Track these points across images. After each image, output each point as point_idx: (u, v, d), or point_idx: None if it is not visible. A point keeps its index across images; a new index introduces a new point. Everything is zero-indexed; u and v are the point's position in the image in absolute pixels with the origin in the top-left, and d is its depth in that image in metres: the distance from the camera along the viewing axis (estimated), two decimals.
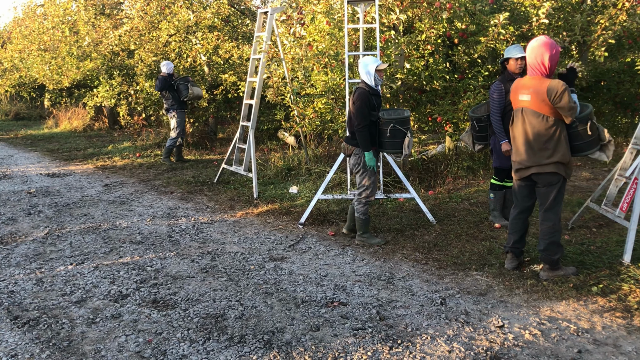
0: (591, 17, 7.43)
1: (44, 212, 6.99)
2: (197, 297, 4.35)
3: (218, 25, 12.02)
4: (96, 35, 13.52)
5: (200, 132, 13.09)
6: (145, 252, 5.46)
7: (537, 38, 4.34)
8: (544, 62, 4.28)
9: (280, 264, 5.09)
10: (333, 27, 7.41)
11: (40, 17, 16.05)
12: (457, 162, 8.60)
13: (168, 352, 3.52)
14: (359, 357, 3.41)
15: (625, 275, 4.45)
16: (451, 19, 7.37)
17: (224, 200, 7.56)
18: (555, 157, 4.31)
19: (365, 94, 5.30)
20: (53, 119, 17.69)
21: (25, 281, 4.71)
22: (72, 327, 3.86)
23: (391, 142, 5.45)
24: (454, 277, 4.69)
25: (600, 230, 5.72)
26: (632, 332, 3.66)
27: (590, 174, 8.32)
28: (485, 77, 7.85)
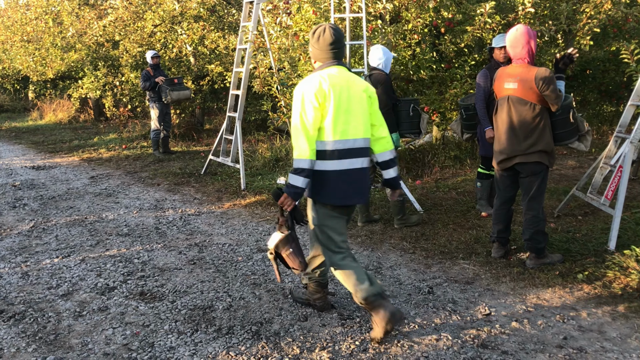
0: (577, 6, 7.44)
1: (29, 205, 6.92)
2: (184, 288, 4.33)
3: (204, 15, 11.92)
4: (80, 25, 13.35)
5: (186, 123, 13.01)
6: (132, 244, 5.43)
7: (516, 27, 4.34)
8: (532, 48, 4.30)
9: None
10: (319, 16, 7.36)
11: (23, 7, 15.81)
12: (444, 151, 8.62)
13: (156, 344, 3.51)
14: (347, 347, 3.42)
15: (610, 262, 4.49)
16: (438, 8, 7.36)
17: (212, 192, 7.53)
18: (540, 146, 4.33)
19: (388, 79, 5.59)
20: (37, 111, 17.50)
21: (11, 275, 4.67)
22: (58, 321, 3.84)
23: (410, 123, 5.73)
24: (441, 266, 4.71)
25: (586, 218, 5.77)
26: (616, 319, 3.71)
27: (575, 162, 8.38)
28: (471, 67, 7.86)
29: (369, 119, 3.61)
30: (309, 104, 3.39)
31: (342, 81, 3.48)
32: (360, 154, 3.53)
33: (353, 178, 3.51)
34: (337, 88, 3.43)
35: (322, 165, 3.46)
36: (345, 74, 3.54)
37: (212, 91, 12.75)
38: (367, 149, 3.60)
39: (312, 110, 3.38)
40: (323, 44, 3.52)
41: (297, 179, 3.38)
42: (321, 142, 3.44)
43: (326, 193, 3.50)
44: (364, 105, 3.56)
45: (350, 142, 3.48)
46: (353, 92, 3.51)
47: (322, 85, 3.41)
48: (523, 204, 4.55)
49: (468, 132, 6.04)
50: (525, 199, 4.52)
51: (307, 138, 3.38)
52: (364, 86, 3.59)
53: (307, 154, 3.37)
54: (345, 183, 3.49)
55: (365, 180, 3.61)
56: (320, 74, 3.48)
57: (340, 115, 3.44)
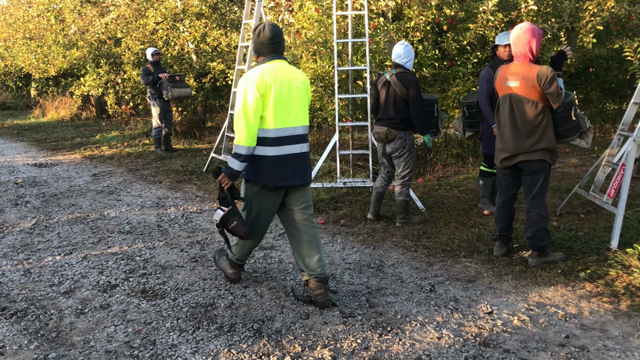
0: (579, 4, 7.43)
1: (32, 203, 6.93)
2: (186, 286, 4.33)
3: (206, 13, 11.91)
4: (82, 23, 13.35)
5: (188, 120, 13.01)
6: (134, 241, 5.43)
7: (520, 25, 4.34)
8: (532, 47, 4.29)
9: (270, 252, 5.08)
10: (321, 14, 7.36)
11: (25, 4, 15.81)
12: (447, 149, 8.61)
13: (157, 341, 3.51)
14: (348, 345, 3.42)
15: (613, 260, 4.49)
16: (440, 5, 7.34)
17: (213, 190, 7.52)
18: (542, 144, 4.33)
19: (417, 80, 5.56)
20: (40, 109, 17.52)
21: (13, 272, 4.67)
22: (60, 318, 3.84)
23: (431, 122, 5.69)
24: (443, 264, 4.71)
25: (588, 217, 5.76)
26: (618, 317, 3.70)
27: (578, 161, 8.37)
28: (474, 64, 7.85)
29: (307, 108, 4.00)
30: (251, 94, 3.71)
31: (283, 73, 3.81)
32: (299, 141, 3.92)
33: (293, 162, 3.88)
34: (278, 80, 3.76)
35: (263, 150, 3.81)
36: (285, 67, 3.88)
37: (214, 89, 12.75)
38: (305, 135, 3.98)
39: (254, 101, 3.71)
40: (263, 40, 3.86)
41: (234, 163, 3.80)
42: (263, 129, 3.79)
43: (265, 175, 3.85)
44: (302, 95, 3.92)
45: (290, 129, 3.84)
46: (294, 83, 3.85)
47: (263, 78, 3.72)
48: (525, 201, 4.55)
49: (470, 130, 6.03)
50: (527, 197, 4.51)
51: (247, 126, 3.72)
52: (302, 78, 3.95)
53: (246, 141, 3.74)
54: (285, 167, 3.86)
55: (305, 163, 3.98)
56: (262, 67, 3.79)
57: (281, 105, 3.78)
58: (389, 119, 5.54)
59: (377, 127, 5.63)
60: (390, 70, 5.55)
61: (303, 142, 3.94)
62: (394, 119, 5.52)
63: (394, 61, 5.58)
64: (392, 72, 5.51)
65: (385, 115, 5.57)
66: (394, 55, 5.56)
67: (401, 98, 5.45)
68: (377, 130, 5.63)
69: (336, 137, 6.52)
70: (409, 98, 5.41)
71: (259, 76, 3.72)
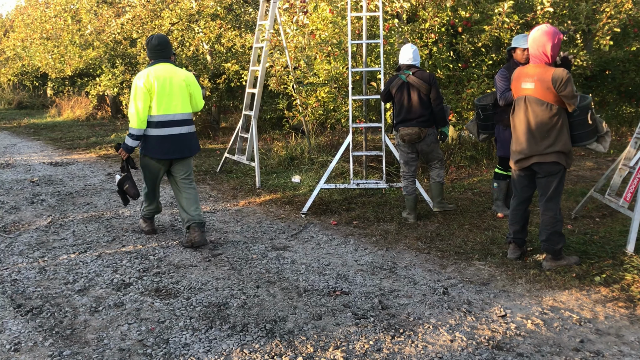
0: (596, 6, 7.36)
1: (47, 201, 7.00)
2: (199, 285, 4.35)
3: (221, 14, 11.96)
4: (98, 23, 13.46)
5: (202, 121, 13.07)
6: (148, 241, 5.47)
7: (538, 27, 4.32)
8: (546, 51, 4.28)
9: (283, 253, 5.09)
10: (336, 15, 7.36)
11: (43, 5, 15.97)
12: (460, 151, 8.57)
13: (170, 340, 3.52)
14: (360, 346, 3.41)
15: (629, 265, 4.44)
16: (455, 7, 7.31)
17: (227, 190, 7.56)
18: (557, 147, 4.30)
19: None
20: (56, 108, 17.69)
21: (29, 270, 4.72)
22: (74, 316, 3.87)
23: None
24: (456, 267, 4.69)
25: (604, 220, 5.70)
26: (634, 322, 3.66)
27: (593, 164, 8.29)
28: (489, 66, 7.80)
29: (189, 99, 5.22)
30: (140, 90, 4.98)
31: (166, 73, 5.05)
32: (179, 124, 5.16)
33: (173, 140, 5.13)
34: (160, 78, 5.00)
35: (150, 131, 5.08)
36: (169, 68, 5.10)
37: (229, 89, 12.79)
38: (186, 120, 5.20)
39: (141, 95, 4.98)
40: (152, 47, 5.11)
41: (129, 141, 5.12)
42: (150, 115, 5.06)
43: (151, 150, 5.12)
44: (183, 90, 5.13)
45: (170, 116, 5.10)
46: (174, 80, 5.08)
47: (149, 77, 4.99)
48: (540, 204, 4.51)
49: (485, 133, 6.00)
50: (542, 200, 4.48)
51: (137, 113, 5.01)
52: (184, 76, 5.15)
53: (137, 125, 5.02)
54: (166, 144, 5.10)
55: (185, 142, 5.20)
56: (149, 69, 5.06)
57: (164, 97, 5.03)
58: (418, 117, 5.67)
59: (407, 128, 5.69)
60: (405, 72, 5.60)
61: (183, 125, 5.18)
62: (422, 117, 5.67)
63: (405, 63, 5.72)
64: (408, 73, 5.58)
65: (413, 115, 5.67)
66: (406, 58, 5.73)
67: (425, 95, 5.63)
68: (408, 131, 5.69)
69: (349, 138, 6.52)
70: (431, 93, 5.62)
71: (146, 76, 4.99)
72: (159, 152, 5.11)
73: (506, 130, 5.64)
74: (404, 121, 5.71)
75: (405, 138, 5.73)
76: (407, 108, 5.68)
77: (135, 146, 5.15)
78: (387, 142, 6.46)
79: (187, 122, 5.21)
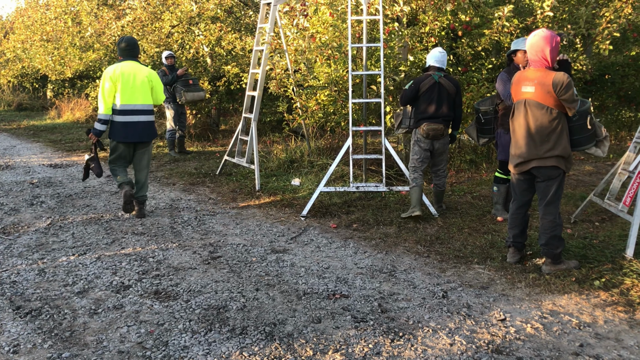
0: (596, 10, 7.38)
1: (47, 203, 7.00)
2: (199, 288, 4.35)
3: (221, 17, 11.99)
4: (99, 26, 13.49)
5: (202, 123, 13.07)
6: (148, 243, 5.46)
7: (535, 32, 4.34)
8: (545, 55, 4.30)
9: (282, 256, 5.09)
10: (336, 18, 7.37)
11: (43, 7, 16.02)
12: (460, 155, 8.58)
13: (170, 343, 3.52)
14: (360, 350, 3.41)
15: (628, 269, 4.45)
16: (455, 11, 7.32)
17: (226, 192, 7.56)
18: (557, 151, 4.30)
19: None
20: (55, 110, 17.68)
21: (28, 271, 4.72)
22: (74, 318, 3.87)
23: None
24: (456, 270, 4.69)
25: (603, 225, 5.71)
26: (634, 327, 3.66)
27: (593, 168, 8.30)
28: (488, 70, 7.82)
29: (151, 92, 6.21)
30: (107, 82, 5.99)
31: (130, 69, 6.06)
32: (139, 113, 6.13)
33: (134, 127, 6.10)
34: (125, 74, 6.01)
35: (115, 118, 6.07)
36: (134, 65, 6.11)
37: (228, 92, 12.80)
38: (146, 110, 6.19)
39: (108, 86, 5.99)
40: (122, 47, 6.17)
41: (98, 125, 6.10)
42: (115, 104, 6.05)
43: (116, 134, 6.10)
44: (145, 84, 6.13)
45: (132, 106, 6.07)
46: (138, 76, 6.08)
47: (115, 72, 6.00)
48: (540, 208, 4.52)
49: (485, 137, 6.02)
50: (541, 204, 4.48)
51: (104, 102, 6.02)
52: (147, 73, 6.17)
53: (104, 112, 6.04)
54: (128, 129, 6.08)
55: (144, 129, 6.17)
56: (117, 65, 6.08)
57: (127, 89, 6.02)
58: (444, 116, 6.02)
59: (434, 124, 5.97)
60: (437, 73, 6.02)
61: (143, 114, 6.15)
62: (447, 116, 6.04)
63: (434, 65, 6.07)
64: (440, 75, 6.02)
65: (440, 113, 5.99)
66: (436, 61, 6.07)
67: (451, 97, 6.03)
68: (434, 127, 5.97)
69: (349, 141, 6.52)
70: (457, 96, 6.07)
71: (113, 71, 6.01)
72: (121, 136, 6.08)
73: (507, 134, 5.65)
74: (431, 118, 6.00)
75: (431, 133, 6.00)
76: (437, 106, 5.98)
77: (104, 130, 6.14)
78: (387, 146, 6.47)
79: (147, 112, 6.22)
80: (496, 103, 5.80)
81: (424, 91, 5.99)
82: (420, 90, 6.01)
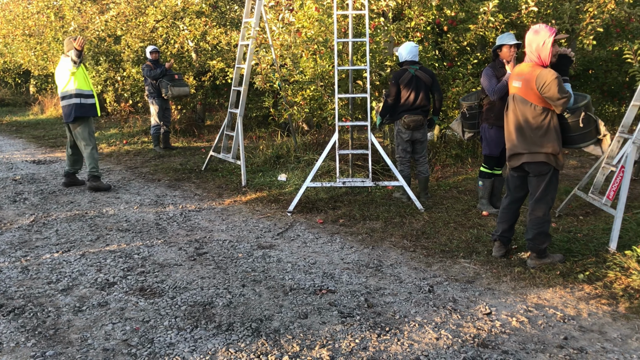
0: (580, 6, 7.43)
1: (30, 200, 6.91)
2: (184, 285, 4.33)
3: (206, 11, 11.89)
4: (82, 20, 13.30)
5: (188, 119, 12.99)
6: (133, 239, 5.42)
7: (533, 27, 4.35)
8: (533, 50, 4.34)
9: (269, 251, 5.07)
10: (322, 13, 7.34)
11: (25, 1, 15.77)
12: (446, 150, 8.61)
13: (155, 340, 3.50)
14: (347, 345, 3.41)
15: (611, 262, 4.49)
16: (440, 6, 7.34)
17: (212, 188, 7.52)
18: (545, 147, 4.32)
19: None
20: (39, 106, 17.48)
21: (11, 269, 4.66)
22: (58, 316, 3.83)
23: None
24: (442, 265, 4.70)
25: (587, 218, 5.76)
26: (617, 319, 3.70)
27: (577, 162, 8.37)
28: (474, 65, 7.84)
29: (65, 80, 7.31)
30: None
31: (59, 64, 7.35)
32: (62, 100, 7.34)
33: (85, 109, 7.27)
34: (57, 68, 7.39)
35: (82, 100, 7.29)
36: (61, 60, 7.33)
37: (214, 87, 12.72)
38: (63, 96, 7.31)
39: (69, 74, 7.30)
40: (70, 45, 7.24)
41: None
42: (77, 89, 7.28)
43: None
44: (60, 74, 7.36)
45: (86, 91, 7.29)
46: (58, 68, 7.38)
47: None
48: (530, 203, 4.54)
49: (470, 132, 6.04)
50: (531, 199, 4.50)
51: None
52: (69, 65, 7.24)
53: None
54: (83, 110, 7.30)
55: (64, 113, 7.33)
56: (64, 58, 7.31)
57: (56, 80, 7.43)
58: (422, 107, 6.36)
59: (414, 115, 6.34)
60: (412, 67, 6.33)
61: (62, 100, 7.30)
62: (425, 107, 6.39)
63: (410, 59, 6.37)
64: (416, 68, 6.35)
65: (419, 105, 6.34)
66: (411, 55, 6.37)
67: (428, 88, 6.37)
68: (414, 118, 6.34)
69: (335, 136, 6.51)
70: (433, 85, 6.40)
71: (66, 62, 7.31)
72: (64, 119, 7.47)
73: (491, 128, 5.68)
74: (410, 110, 6.33)
75: (411, 124, 6.35)
76: (415, 99, 6.31)
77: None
78: (374, 141, 6.47)
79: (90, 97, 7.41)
80: (481, 98, 5.82)
81: (404, 85, 6.34)
82: (399, 85, 6.31)
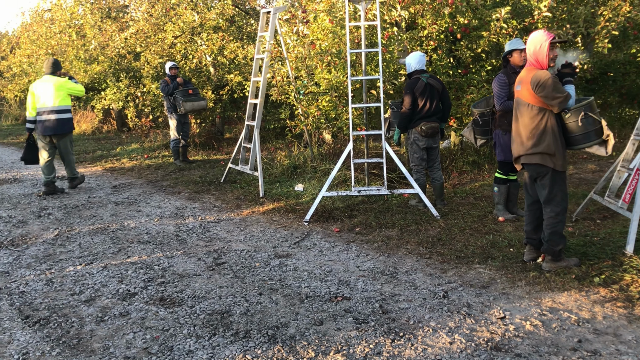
0: (595, 9, 7.41)
1: (54, 214, 7.10)
2: (203, 294, 4.42)
3: (223, 26, 12.10)
4: (102, 38, 13.65)
5: (207, 132, 13.19)
6: (153, 251, 5.54)
7: (534, 32, 4.43)
8: (532, 55, 4.48)
9: (285, 260, 5.15)
10: (335, 25, 7.45)
11: (48, 21, 16.20)
12: (463, 156, 8.62)
13: (175, 347, 3.59)
14: (361, 350, 3.46)
15: (628, 265, 4.48)
16: (453, 14, 7.38)
17: (231, 200, 7.63)
18: (540, 148, 4.37)
19: None
20: None
21: (36, 282, 4.81)
22: (81, 326, 3.95)
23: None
24: (457, 271, 4.73)
25: (604, 222, 5.73)
26: (632, 322, 3.69)
27: (595, 166, 8.32)
28: (488, 72, 7.86)
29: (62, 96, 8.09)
30: (29, 93, 8.12)
31: (45, 82, 8.08)
32: (51, 113, 8.04)
33: (48, 123, 8.05)
34: (39, 86, 8.09)
35: (38, 118, 8.10)
36: (49, 78, 8.08)
37: (232, 100, 12.90)
38: (57, 110, 8.05)
39: (30, 96, 8.12)
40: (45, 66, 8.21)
41: (27, 124, 8.33)
42: (35, 107, 8.07)
43: (39, 129, 8.15)
44: (55, 91, 8.02)
45: (44, 108, 8.03)
46: (48, 86, 8.03)
47: (33, 85, 8.15)
48: (542, 205, 4.57)
49: (482, 138, 6.06)
50: (542, 201, 4.55)
51: (28, 108, 8.16)
52: (56, 83, 8.05)
53: (29, 115, 8.19)
54: (44, 126, 8.07)
55: (56, 124, 8.09)
56: (38, 80, 8.17)
57: (40, 97, 8.04)
58: (437, 114, 6.51)
59: (431, 122, 6.44)
60: (424, 75, 6.44)
61: (55, 114, 8.03)
62: (438, 114, 6.53)
63: (419, 68, 6.48)
64: (427, 76, 6.46)
65: (433, 113, 6.47)
66: (420, 64, 6.49)
67: (439, 94, 6.51)
68: (432, 125, 6.44)
69: (350, 145, 6.59)
70: (443, 92, 6.54)
71: (33, 86, 8.11)
72: (41, 131, 8.13)
73: (505, 135, 5.70)
74: (426, 117, 6.45)
75: (429, 131, 6.44)
76: (429, 107, 6.42)
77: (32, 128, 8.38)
78: (388, 149, 6.52)
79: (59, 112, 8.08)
80: (493, 104, 5.85)
81: (419, 94, 6.42)
82: (414, 94, 6.37)
